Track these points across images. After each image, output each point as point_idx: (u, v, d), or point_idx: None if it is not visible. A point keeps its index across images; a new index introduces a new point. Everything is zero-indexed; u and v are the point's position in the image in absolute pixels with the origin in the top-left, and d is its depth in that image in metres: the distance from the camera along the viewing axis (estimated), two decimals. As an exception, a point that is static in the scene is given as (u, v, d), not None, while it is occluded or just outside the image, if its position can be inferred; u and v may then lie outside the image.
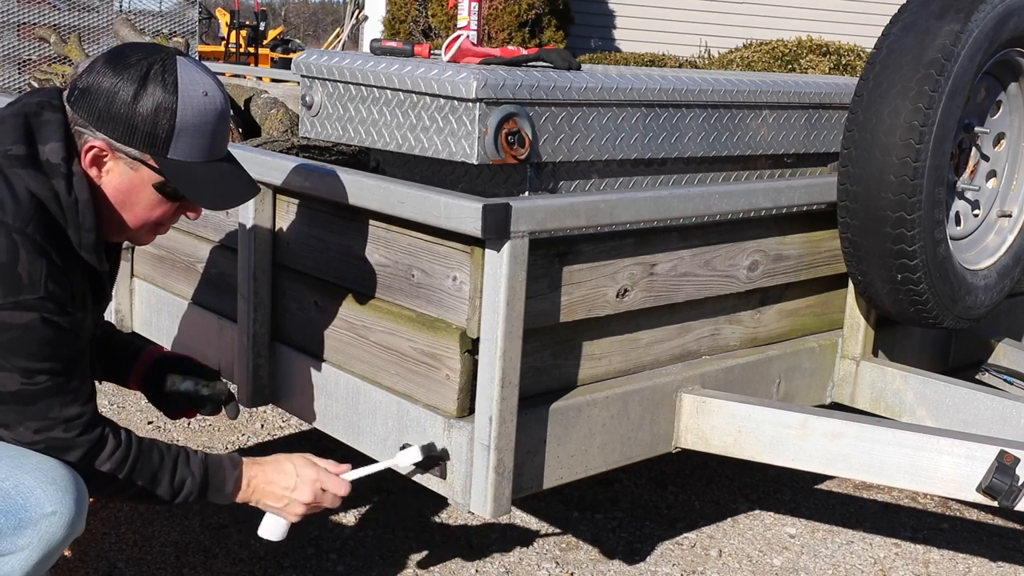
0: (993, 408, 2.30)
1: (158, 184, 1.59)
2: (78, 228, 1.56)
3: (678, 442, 2.17)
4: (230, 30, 14.09)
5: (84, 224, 1.56)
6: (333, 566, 2.50)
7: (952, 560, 2.74)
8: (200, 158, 1.58)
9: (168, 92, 1.53)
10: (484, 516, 1.81)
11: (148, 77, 1.53)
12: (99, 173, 1.59)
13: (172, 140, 1.55)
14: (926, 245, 2.16)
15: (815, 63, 7.13)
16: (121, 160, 1.57)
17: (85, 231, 1.57)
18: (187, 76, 1.56)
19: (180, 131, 1.55)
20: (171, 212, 1.66)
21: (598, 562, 2.61)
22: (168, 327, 2.54)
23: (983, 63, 2.18)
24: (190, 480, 1.71)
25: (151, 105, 1.53)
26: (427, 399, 1.89)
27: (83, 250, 1.58)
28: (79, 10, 7.97)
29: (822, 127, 2.64)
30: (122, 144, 1.55)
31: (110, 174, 1.59)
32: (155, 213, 1.64)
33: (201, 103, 1.56)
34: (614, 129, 2.21)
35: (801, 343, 2.43)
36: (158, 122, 1.54)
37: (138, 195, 1.61)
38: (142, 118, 1.53)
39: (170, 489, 1.70)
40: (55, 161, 1.55)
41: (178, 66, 1.56)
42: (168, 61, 1.56)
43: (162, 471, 1.69)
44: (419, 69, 2.07)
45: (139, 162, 1.57)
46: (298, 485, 1.80)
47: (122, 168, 1.58)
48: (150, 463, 1.67)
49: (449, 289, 1.83)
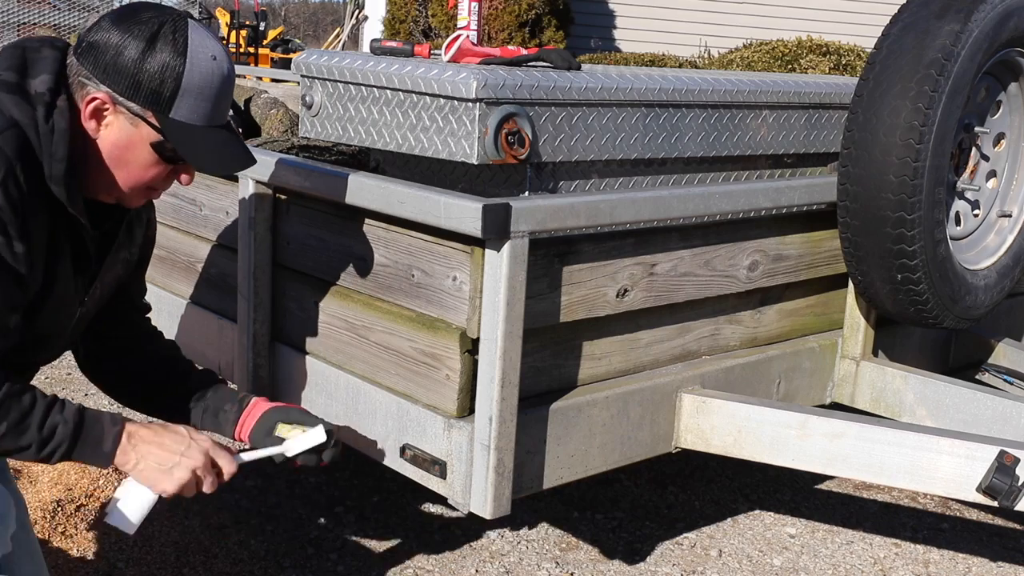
0: (993, 408, 2.30)
1: (156, 143, 1.58)
2: (50, 157, 1.52)
3: (678, 442, 2.17)
4: (230, 30, 14.10)
5: (56, 153, 1.53)
6: (333, 566, 2.50)
7: (952, 560, 2.74)
8: (200, 122, 1.58)
9: (177, 52, 1.53)
10: (484, 516, 1.81)
11: (158, 35, 1.53)
12: (98, 126, 1.57)
13: (176, 100, 1.54)
14: (926, 245, 2.16)
15: (815, 63, 7.13)
16: (122, 115, 1.56)
17: (56, 160, 1.53)
18: (197, 39, 1.56)
19: (185, 92, 1.54)
20: (165, 174, 1.63)
21: (598, 562, 2.61)
22: (168, 327, 2.54)
23: (983, 63, 2.18)
24: (62, 427, 1.55)
25: (159, 63, 1.53)
26: (427, 399, 1.89)
27: (52, 181, 1.54)
28: (79, 10, 7.98)
29: (822, 127, 2.64)
30: (125, 99, 1.54)
31: (109, 128, 1.57)
32: (149, 173, 1.62)
33: (209, 67, 1.56)
34: (614, 129, 2.21)
35: (801, 343, 2.43)
36: (164, 80, 1.53)
37: (134, 152, 1.59)
38: (148, 75, 1.53)
39: (38, 435, 1.53)
40: (41, 91, 1.53)
41: (189, 28, 1.56)
42: (179, 22, 1.56)
43: (32, 416, 1.53)
44: (419, 69, 2.07)
45: (140, 119, 1.56)
46: (191, 447, 1.64)
47: (122, 123, 1.57)
48: (20, 404, 1.53)
49: (449, 289, 1.83)
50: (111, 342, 1.92)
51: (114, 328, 1.91)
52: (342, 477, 2.97)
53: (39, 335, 1.68)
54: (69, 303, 1.71)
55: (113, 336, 1.92)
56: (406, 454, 1.93)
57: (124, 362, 1.93)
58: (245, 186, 2.15)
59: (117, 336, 1.92)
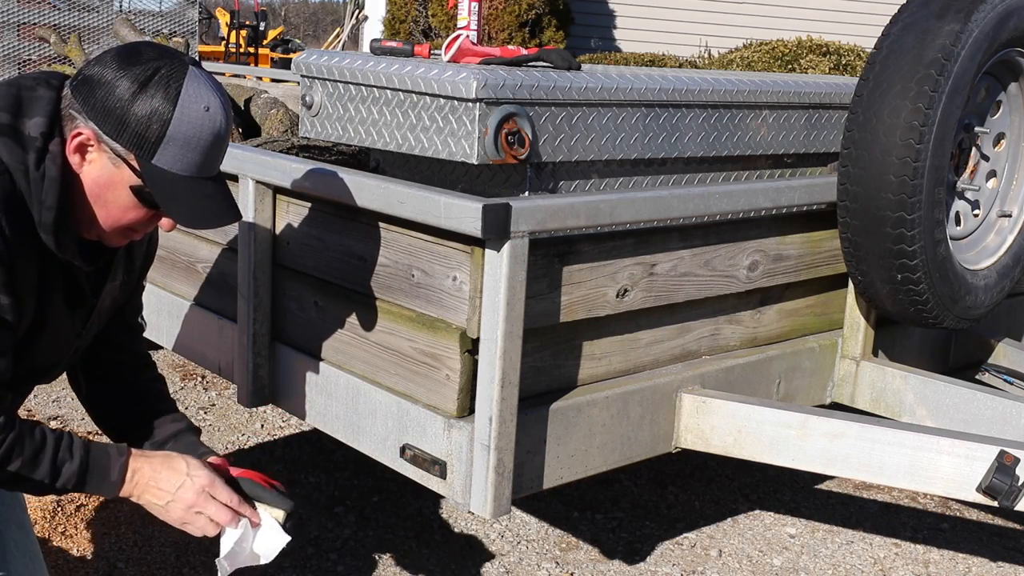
0: (993, 408, 2.30)
1: (135, 187, 1.55)
2: (40, 205, 1.51)
3: (678, 442, 2.17)
4: (230, 30, 14.10)
5: (46, 201, 1.51)
6: (333, 566, 2.50)
7: (952, 560, 2.74)
8: (185, 172, 1.55)
9: (168, 99, 1.51)
10: (484, 516, 1.81)
11: (152, 80, 1.51)
12: (81, 161, 1.55)
13: (160, 146, 1.52)
14: (926, 245, 2.16)
15: (815, 63, 7.13)
16: (105, 154, 1.54)
17: (46, 208, 1.51)
18: (192, 88, 1.53)
19: (170, 140, 1.52)
20: (145, 219, 1.60)
21: (598, 562, 2.61)
22: (168, 327, 2.54)
23: (983, 63, 2.18)
24: (69, 463, 1.56)
25: (148, 108, 1.51)
26: (427, 399, 1.89)
27: (42, 228, 1.52)
28: (79, 10, 7.97)
29: (822, 127, 2.64)
30: (109, 138, 1.52)
31: (91, 165, 1.55)
32: (128, 216, 1.59)
33: (199, 118, 1.53)
34: (614, 129, 2.21)
35: (801, 343, 2.43)
36: (150, 125, 1.51)
37: (114, 193, 1.56)
38: (135, 117, 1.51)
39: (50, 470, 1.55)
40: (34, 135, 1.52)
41: (186, 76, 1.53)
42: (178, 68, 1.54)
43: (44, 452, 1.55)
44: (419, 69, 2.07)
45: (122, 160, 1.54)
46: (184, 486, 1.63)
47: (104, 162, 1.55)
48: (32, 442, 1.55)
49: (449, 289, 1.83)
50: (97, 365, 1.89)
51: (106, 349, 1.87)
52: (342, 477, 2.97)
53: (35, 368, 1.68)
54: (64, 338, 1.70)
55: (99, 358, 1.88)
56: (406, 454, 1.93)
57: (108, 387, 1.90)
58: (245, 186, 2.15)
59: (103, 359, 1.89)
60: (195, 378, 3.72)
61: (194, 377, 3.72)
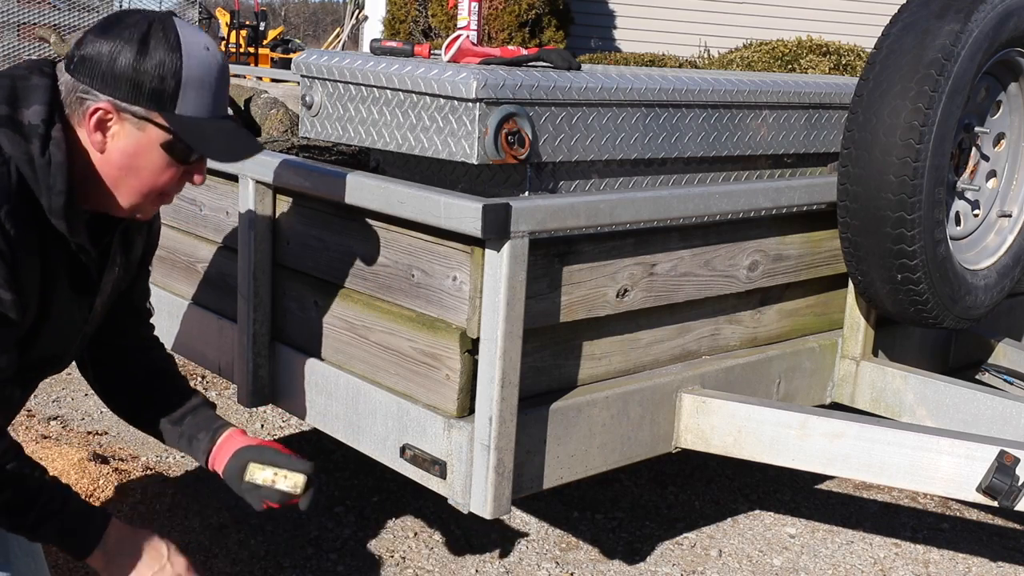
0: (993, 408, 2.30)
1: (166, 143, 1.56)
2: (48, 191, 1.51)
3: (678, 442, 2.17)
4: (230, 30, 14.11)
5: (55, 187, 1.51)
6: (333, 566, 2.50)
7: (952, 560, 2.74)
8: (206, 114, 1.57)
9: (171, 48, 1.52)
10: (484, 516, 1.81)
11: (149, 35, 1.52)
12: (104, 138, 1.55)
13: (179, 95, 1.53)
14: (926, 245, 2.16)
15: (815, 63, 7.13)
16: (127, 121, 1.54)
17: (55, 194, 1.51)
18: (187, 33, 1.55)
19: (187, 86, 1.53)
20: (177, 177, 1.62)
21: (598, 562, 2.61)
22: (168, 327, 2.54)
23: (983, 63, 2.18)
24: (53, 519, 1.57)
25: (156, 62, 1.51)
26: (427, 399, 1.89)
27: (53, 214, 1.52)
28: (79, 10, 7.97)
29: (822, 127, 2.64)
30: (128, 104, 1.52)
31: (116, 138, 1.55)
32: (163, 178, 1.59)
33: (205, 58, 1.55)
34: (614, 129, 2.21)
35: (801, 343, 2.43)
36: (164, 78, 1.52)
37: (146, 157, 1.56)
38: (148, 75, 1.51)
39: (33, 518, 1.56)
40: (35, 122, 1.51)
41: (176, 24, 1.56)
42: (167, 20, 1.56)
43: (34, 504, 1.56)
44: (419, 69, 2.07)
45: (146, 121, 1.54)
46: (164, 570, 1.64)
47: (128, 130, 1.54)
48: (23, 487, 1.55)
49: (449, 289, 1.83)
50: (106, 349, 1.90)
51: (111, 334, 1.88)
52: (342, 477, 2.97)
53: (44, 357, 1.68)
54: (71, 326, 1.70)
55: (109, 343, 1.89)
56: (406, 454, 1.93)
57: (116, 370, 1.91)
58: (245, 186, 2.15)
59: (113, 343, 1.90)
60: (195, 378, 3.72)
61: (194, 377, 3.72)
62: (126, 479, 2.81)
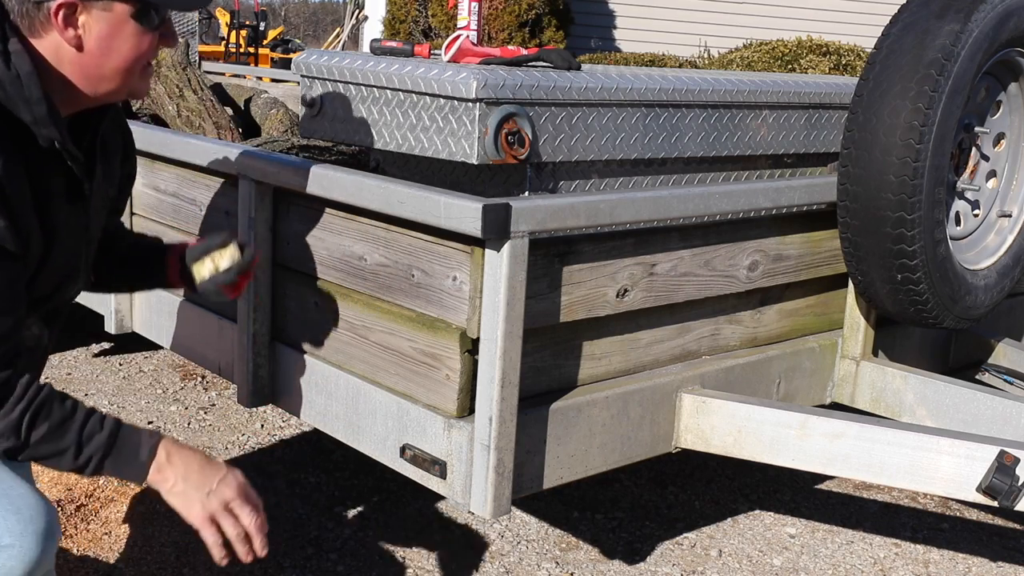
0: (993, 408, 2.30)
1: (135, 13, 1.58)
2: (27, 103, 1.51)
3: (678, 442, 2.17)
4: (230, 30, 14.11)
5: (32, 96, 1.51)
6: (333, 566, 2.50)
7: (952, 560, 2.74)
8: None
9: None
10: (484, 516, 1.81)
11: None
12: (76, 33, 1.56)
13: None
14: (926, 245, 2.16)
15: (815, 63, 7.13)
16: (92, 8, 1.55)
17: (35, 103, 1.52)
18: None
19: None
20: (153, 44, 1.64)
21: (598, 562, 2.61)
22: (168, 327, 2.54)
23: (983, 63, 2.18)
24: (99, 434, 1.53)
25: None
26: (427, 399, 1.89)
27: (40, 125, 1.53)
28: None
29: (822, 127, 2.64)
30: None
31: (87, 28, 1.57)
32: (141, 48, 1.61)
33: None
34: (614, 129, 2.21)
35: (801, 343, 2.43)
36: None
37: (121, 35, 1.59)
38: None
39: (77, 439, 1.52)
40: None
41: None
42: None
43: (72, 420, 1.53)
44: (419, 69, 2.07)
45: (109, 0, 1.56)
46: (227, 478, 1.60)
47: (97, 15, 1.56)
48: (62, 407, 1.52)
49: (449, 289, 1.83)
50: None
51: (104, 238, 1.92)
52: (342, 477, 2.97)
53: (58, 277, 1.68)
54: (74, 235, 1.70)
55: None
56: (406, 454, 1.93)
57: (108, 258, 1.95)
58: (245, 186, 2.15)
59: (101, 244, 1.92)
60: (195, 378, 3.72)
61: (194, 377, 3.72)
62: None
